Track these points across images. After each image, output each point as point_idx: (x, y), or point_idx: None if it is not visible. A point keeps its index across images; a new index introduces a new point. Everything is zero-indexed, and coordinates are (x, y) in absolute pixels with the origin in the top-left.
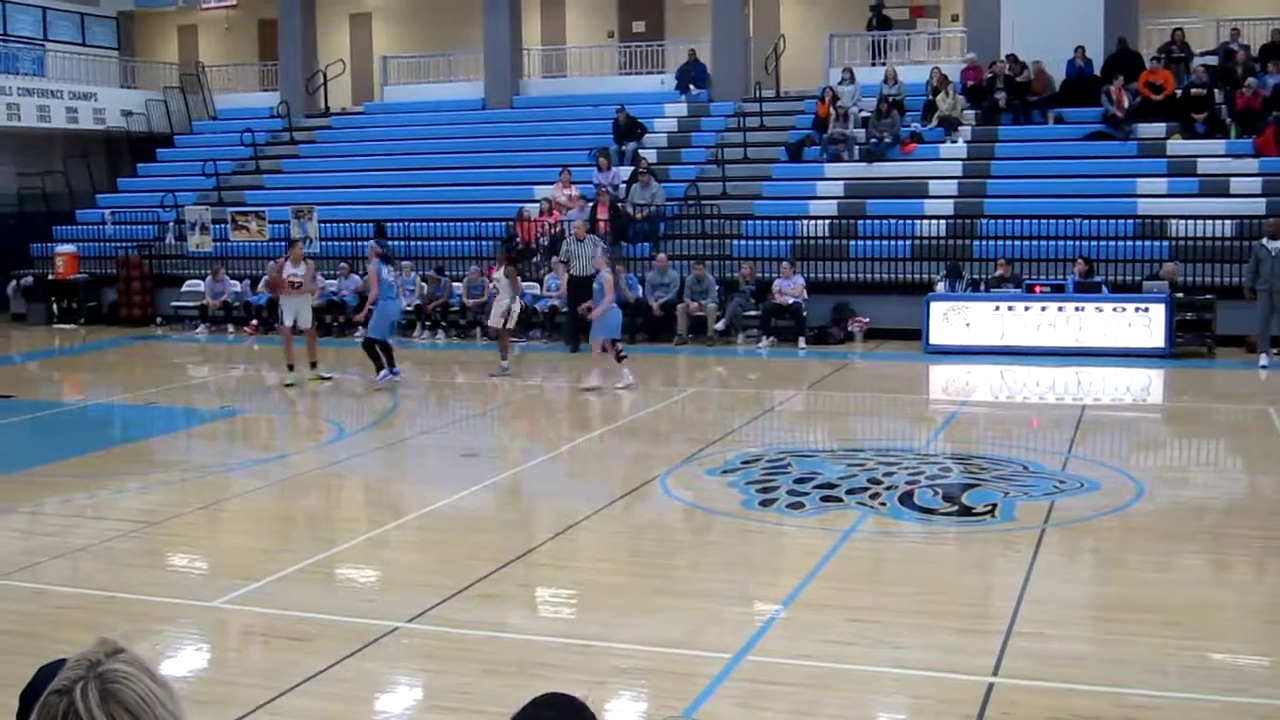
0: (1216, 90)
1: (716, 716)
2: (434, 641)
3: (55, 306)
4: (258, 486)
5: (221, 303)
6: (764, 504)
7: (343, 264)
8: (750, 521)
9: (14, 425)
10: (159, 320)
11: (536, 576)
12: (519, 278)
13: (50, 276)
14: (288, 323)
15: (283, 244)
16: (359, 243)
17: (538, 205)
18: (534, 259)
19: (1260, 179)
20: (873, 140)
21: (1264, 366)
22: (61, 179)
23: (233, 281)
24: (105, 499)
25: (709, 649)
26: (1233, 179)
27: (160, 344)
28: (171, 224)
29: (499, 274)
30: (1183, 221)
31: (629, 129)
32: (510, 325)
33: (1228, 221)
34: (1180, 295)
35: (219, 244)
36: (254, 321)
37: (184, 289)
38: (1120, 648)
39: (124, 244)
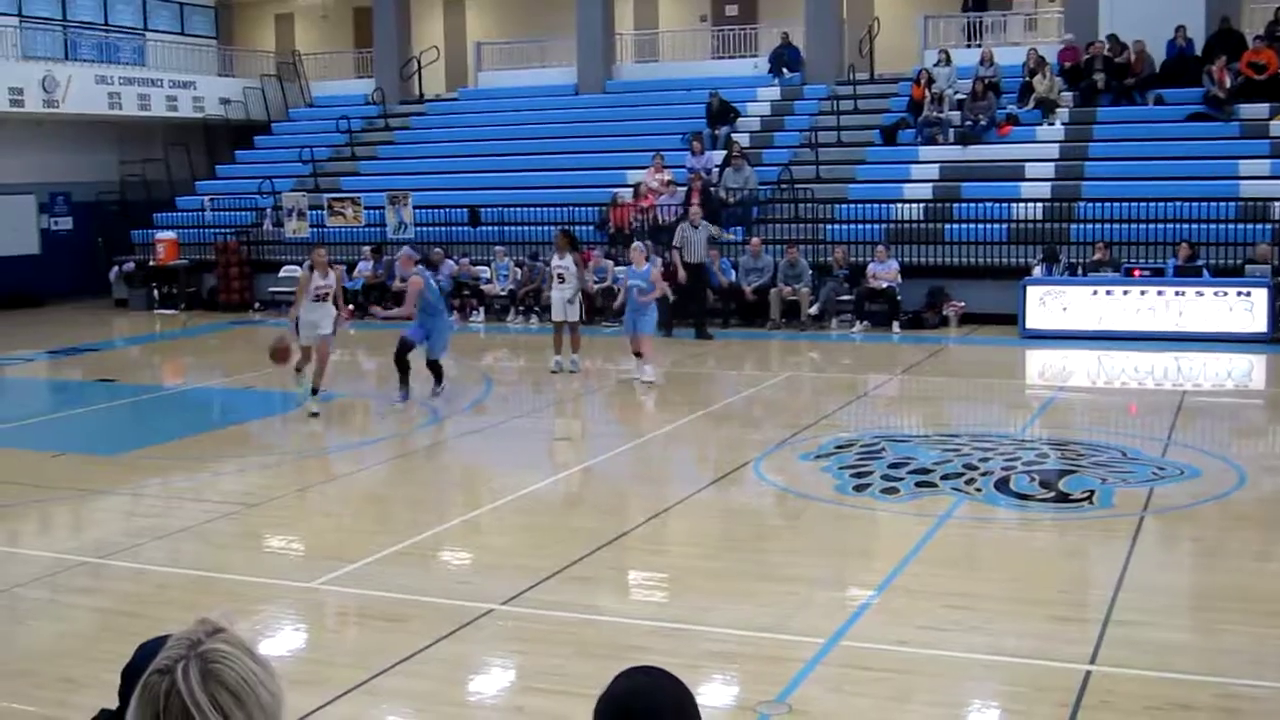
0: None
1: (809, 701)
2: (528, 624)
3: (156, 292)
4: (354, 469)
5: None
6: (858, 489)
7: (437, 249)
8: (844, 507)
9: (116, 409)
10: (257, 305)
11: (630, 560)
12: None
13: (151, 262)
14: (308, 339)
15: (379, 230)
16: (453, 228)
17: (630, 190)
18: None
19: None
20: (968, 123)
21: None
22: (162, 167)
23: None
24: (204, 481)
25: (802, 634)
26: None
27: (258, 329)
28: (269, 210)
29: (565, 260)
30: None
31: (722, 113)
32: (579, 317)
33: None
34: None
35: (315, 230)
36: (350, 306)
37: (281, 274)
38: (1220, 637)
39: (223, 230)
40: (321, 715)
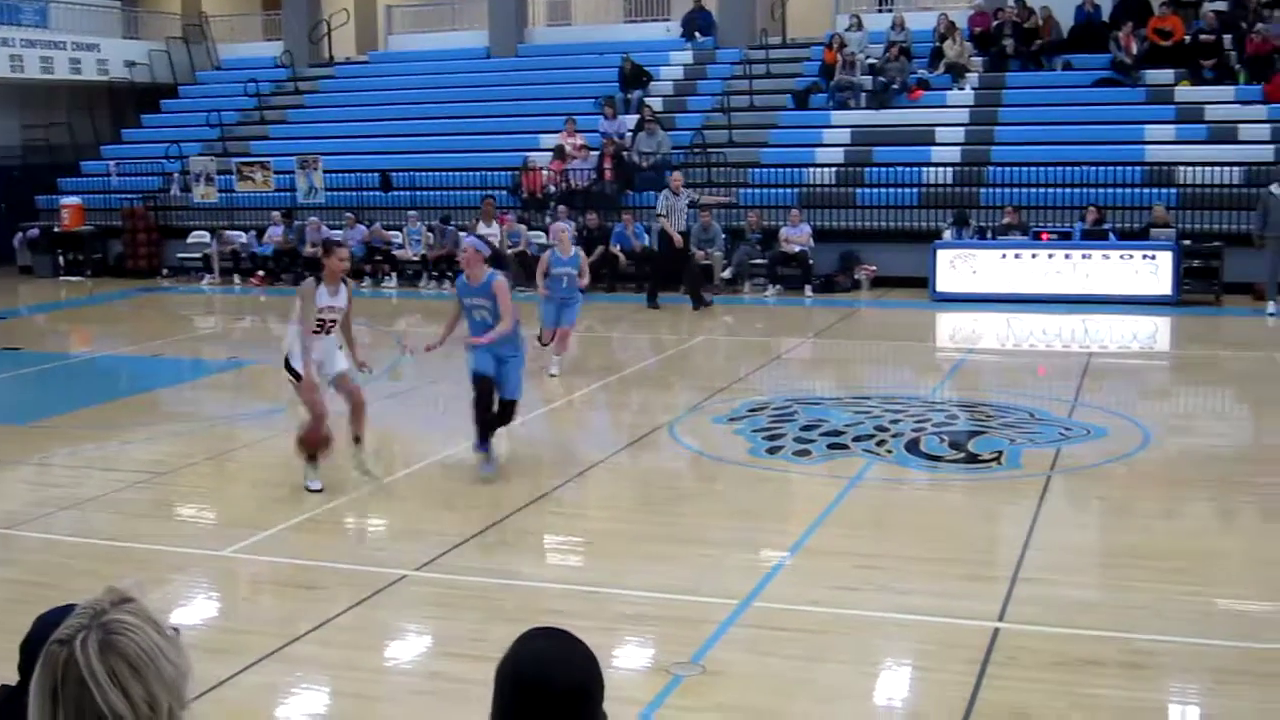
0: (1225, 36)
1: (723, 662)
2: (443, 589)
3: (61, 259)
4: (266, 436)
5: (228, 253)
6: (771, 452)
7: (348, 214)
8: (757, 469)
9: (22, 377)
10: (165, 272)
11: (545, 524)
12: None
13: (56, 229)
14: (318, 375)
15: (289, 195)
16: (364, 193)
17: (547, 154)
18: (552, 209)
19: (1269, 125)
20: (879, 82)
21: (1271, 314)
22: (66, 131)
23: (239, 232)
24: (114, 450)
25: (716, 595)
26: (1241, 126)
27: (166, 296)
28: (176, 175)
29: (493, 228)
30: (1191, 169)
31: (634, 77)
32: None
33: (1236, 169)
34: (1188, 243)
35: (224, 195)
36: (260, 272)
37: (190, 240)
38: (1125, 594)
39: (129, 196)
40: (234, 683)
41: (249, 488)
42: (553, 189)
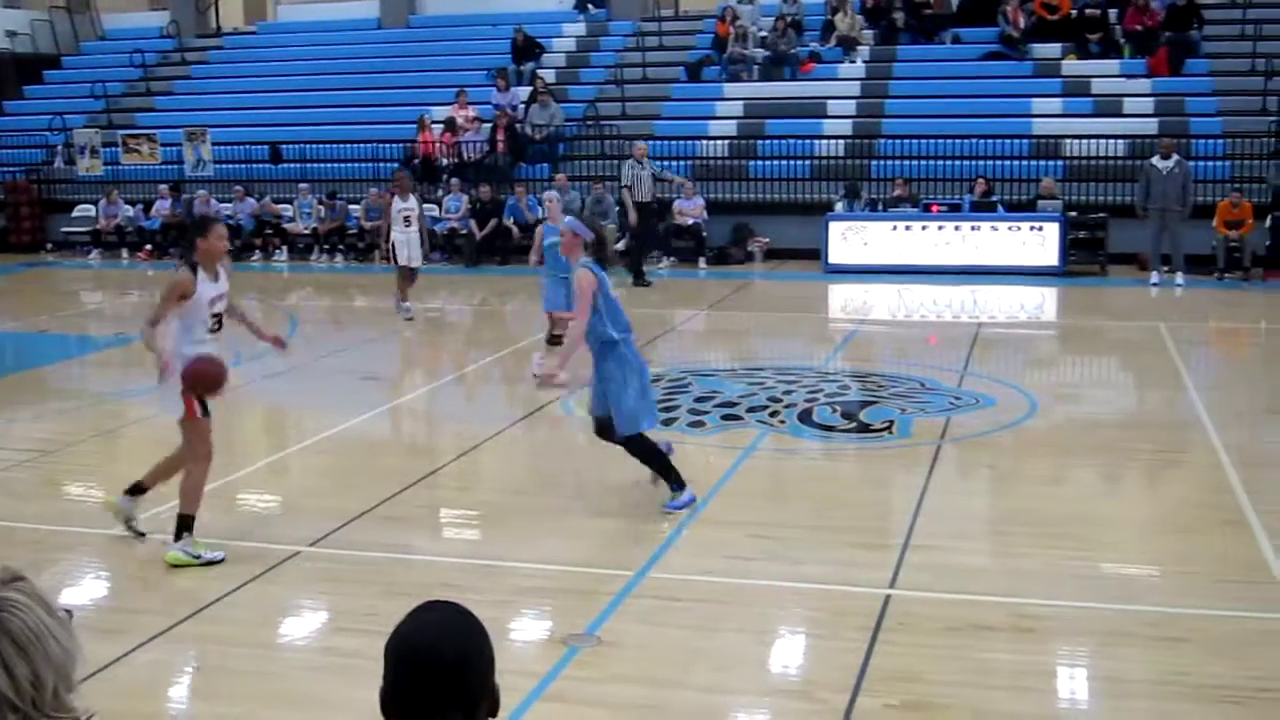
0: (1110, 11)
1: (619, 633)
2: (337, 565)
3: None
4: (154, 413)
5: (114, 227)
6: (665, 423)
7: (238, 187)
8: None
9: None
10: (49, 246)
11: (439, 498)
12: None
13: None
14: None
15: (176, 167)
16: (253, 165)
17: (438, 128)
18: (445, 179)
19: (1152, 99)
20: (769, 56)
21: (1155, 284)
22: None
23: (126, 206)
24: None
25: (611, 567)
26: (1126, 99)
27: (52, 270)
28: (60, 148)
29: (409, 201)
30: (1076, 141)
31: (527, 49)
32: (421, 260)
33: (1120, 141)
34: (1074, 214)
35: (110, 167)
36: (148, 246)
37: (75, 214)
38: (1014, 560)
39: (11, 169)
40: (125, 663)
41: (138, 465)
42: (444, 161)
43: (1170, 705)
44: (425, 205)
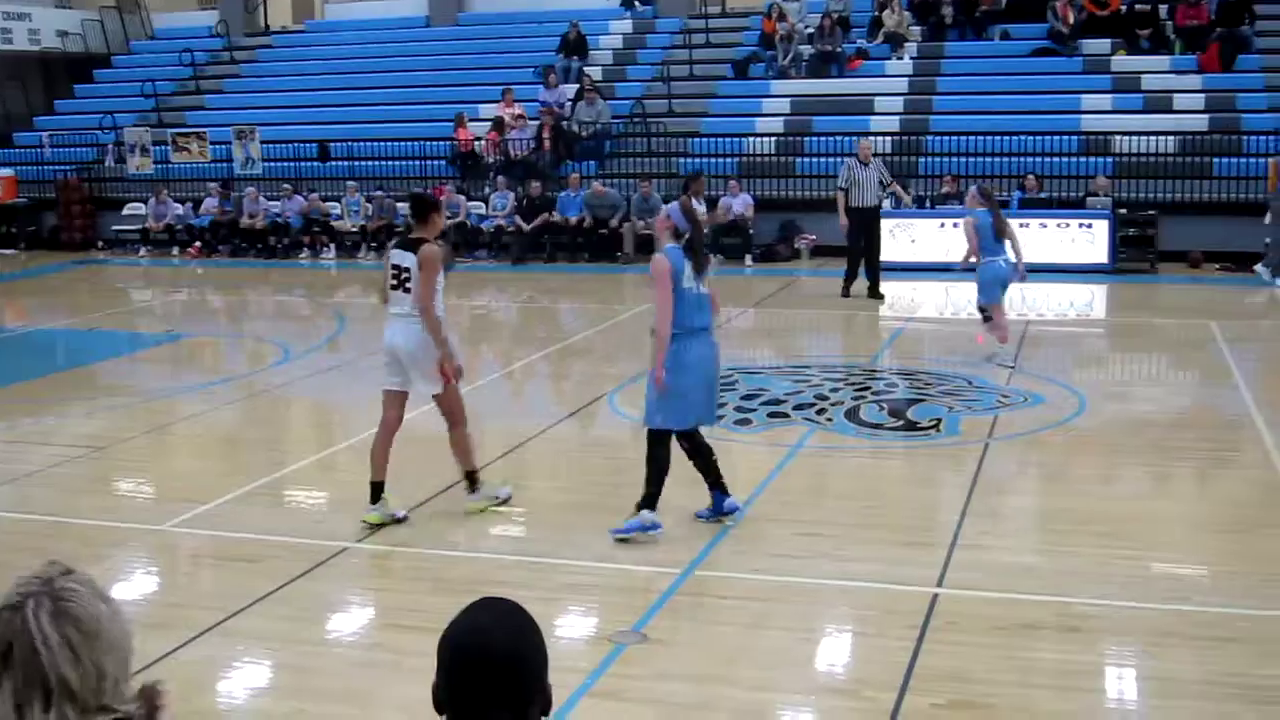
0: (1161, 6)
1: (665, 630)
2: (384, 561)
3: None
4: (204, 410)
5: (164, 225)
6: None
7: (286, 185)
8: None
9: None
10: (100, 244)
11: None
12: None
13: None
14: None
15: (226, 165)
16: (302, 163)
17: (485, 125)
18: (490, 179)
19: (1203, 95)
20: (817, 50)
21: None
22: None
23: (175, 204)
24: (51, 424)
25: (658, 565)
26: (1176, 95)
27: (103, 268)
28: (111, 146)
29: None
30: (1126, 138)
31: (578, 45)
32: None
33: (1171, 138)
34: (1123, 211)
35: (160, 166)
36: (197, 244)
37: (125, 212)
38: (1063, 559)
39: (63, 167)
40: (176, 657)
41: (188, 462)
42: (491, 159)
43: (1219, 706)
44: (470, 203)
